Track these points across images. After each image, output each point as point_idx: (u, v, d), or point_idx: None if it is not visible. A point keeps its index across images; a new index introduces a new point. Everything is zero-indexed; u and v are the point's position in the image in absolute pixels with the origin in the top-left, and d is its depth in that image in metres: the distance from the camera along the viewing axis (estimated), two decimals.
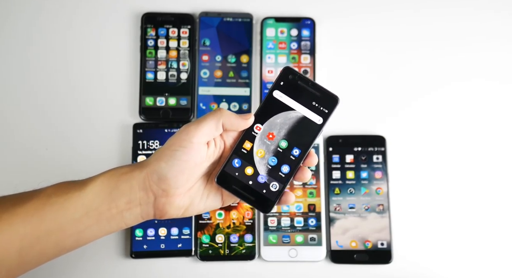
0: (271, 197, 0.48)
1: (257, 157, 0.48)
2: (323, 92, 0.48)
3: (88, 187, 0.44)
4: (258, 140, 0.48)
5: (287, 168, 0.49)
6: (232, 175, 0.48)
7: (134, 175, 0.45)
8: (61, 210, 0.43)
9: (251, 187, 0.48)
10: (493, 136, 0.65)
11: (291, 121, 0.48)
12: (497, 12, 0.67)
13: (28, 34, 0.66)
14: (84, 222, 0.44)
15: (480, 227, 0.63)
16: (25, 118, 0.65)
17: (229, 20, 0.66)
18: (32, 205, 0.43)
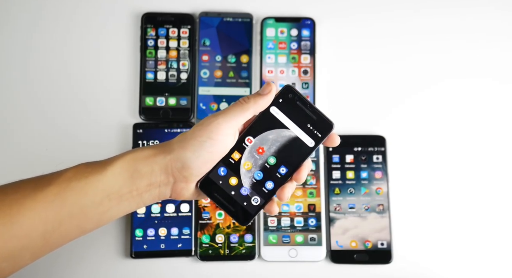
0: (251, 211, 0.48)
1: (244, 169, 0.48)
2: (320, 116, 0.47)
3: (108, 170, 0.44)
4: (247, 152, 0.48)
5: (271, 184, 0.48)
6: (216, 183, 0.48)
7: (156, 159, 0.45)
8: (81, 194, 0.43)
9: (232, 197, 0.48)
10: (493, 136, 0.65)
11: (283, 139, 0.48)
12: (497, 9, 0.67)
13: (28, 34, 0.66)
14: (105, 205, 0.44)
15: (480, 227, 0.63)
16: (25, 118, 0.65)
17: (229, 20, 0.66)
18: (52, 190, 0.43)
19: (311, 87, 0.65)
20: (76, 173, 0.44)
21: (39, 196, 0.42)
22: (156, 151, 0.46)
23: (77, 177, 0.43)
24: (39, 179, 0.44)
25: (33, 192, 0.42)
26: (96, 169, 0.44)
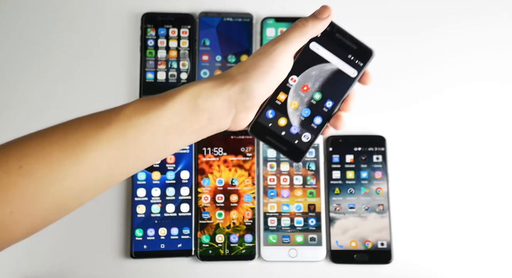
0: (302, 148, 0.50)
1: (291, 108, 0.49)
2: (359, 45, 0.48)
3: (167, 105, 0.44)
4: (292, 92, 0.49)
5: (319, 119, 0.50)
6: (266, 126, 0.49)
7: (219, 91, 0.45)
8: (142, 131, 0.43)
9: (283, 137, 0.49)
10: (493, 137, 0.65)
11: (326, 73, 0.49)
12: (496, 16, 0.67)
13: (28, 34, 0.66)
14: (166, 139, 0.44)
15: (480, 227, 0.63)
16: (25, 119, 0.65)
17: (229, 20, 0.66)
18: (114, 128, 0.42)
19: None
20: (135, 109, 0.43)
21: (101, 135, 0.41)
22: (218, 83, 0.45)
23: (137, 113, 0.43)
24: (98, 117, 0.43)
25: (95, 131, 0.41)
26: (155, 105, 0.44)
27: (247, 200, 0.63)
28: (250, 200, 0.63)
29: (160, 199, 0.62)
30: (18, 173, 0.39)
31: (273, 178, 0.63)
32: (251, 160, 0.63)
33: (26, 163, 0.39)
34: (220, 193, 0.63)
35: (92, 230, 0.62)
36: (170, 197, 0.63)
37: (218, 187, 0.63)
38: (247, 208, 0.63)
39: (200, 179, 0.63)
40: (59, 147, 0.40)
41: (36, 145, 0.40)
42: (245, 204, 0.63)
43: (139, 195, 0.62)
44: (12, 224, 0.39)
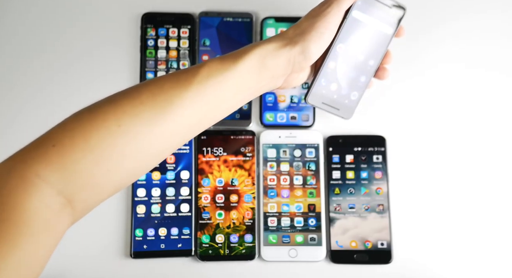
0: (352, 105, 0.56)
1: (340, 73, 0.55)
2: (394, 4, 0.54)
3: (239, 65, 0.47)
4: (340, 58, 0.54)
5: (364, 77, 0.56)
6: (320, 93, 0.55)
7: (282, 52, 0.48)
8: (218, 90, 0.46)
9: (336, 100, 0.56)
10: (493, 137, 0.65)
11: (367, 36, 0.54)
12: (497, 9, 0.67)
13: (28, 34, 0.66)
14: (236, 98, 0.48)
15: (480, 226, 0.63)
16: (25, 119, 0.65)
17: (229, 20, 0.66)
18: (195, 88, 0.45)
19: None
20: (210, 69, 0.46)
21: (185, 95, 0.44)
22: (281, 44, 0.49)
23: (213, 74, 0.46)
24: (178, 78, 0.45)
25: (179, 91, 0.44)
26: (228, 65, 0.47)
27: (247, 200, 0.63)
28: (250, 200, 0.63)
29: (160, 199, 0.62)
30: (117, 131, 0.41)
31: (273, 178, 0.63)
32: (251, 160, 0.64)
33: (124, 123, 0.41)
34: (220, 193, 0.63)
35: (92, 230, 0.62)
36: (170, 197, 0.63)
37: (218, 187, 0.63)
38: (247, 208, 0.63)
39: (200, 179, 0.63)
40: (149, 107, 0.42)
41: (128, 105, 0.42)
42: (245, 204, 0.63)
43: (139, 195, 0.62)
44: (106, 182, 0.41)
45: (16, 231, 0.36)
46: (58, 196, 0.39)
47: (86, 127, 0.41)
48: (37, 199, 0.37)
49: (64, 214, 0.39)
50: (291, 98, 0.65)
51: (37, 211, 0.37)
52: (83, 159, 0.39)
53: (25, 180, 0.38)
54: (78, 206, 0.40)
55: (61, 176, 0.39)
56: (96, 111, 0.42)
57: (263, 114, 0.65)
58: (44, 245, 0.38)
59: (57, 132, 0.41)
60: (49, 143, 0.40)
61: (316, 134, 0.64)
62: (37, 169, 0.38)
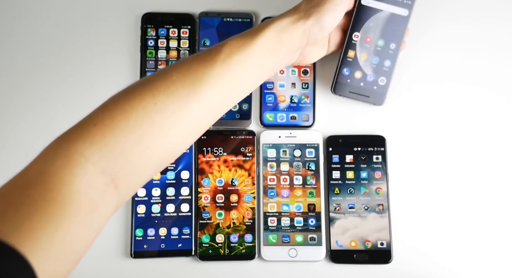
0: (382, 91, 0.57)
1: (362, 61, 0.56)
2: None
3: (257, 41, 0.48)
4: (358, 46, 0.55)
5: (388, 62, 0.57)
6: (345, 83, 0.56)
7: (297, 25, 0.50)
8: (241, 67, 0.48)
9: (363, 87, 0.56)
10: (492, 137, 0.65)
11: (383, 21, 0.55)
12: (502, 20, 0.67)
13: (28, 34, 0.67)
14: (256, 74, 0.50)
15: (480, 226, 0.63)
16: (25, 119, 0.65)
17: (229, 20, 0.66)
18: (221, 65, 0.46)
19: (311, 87, 0.65)
20: (231, 47, 0.48)
21: (213, 72, 0.46)
22: (295, 17, 0.50)
23: (234, 51, 0.47)
24: (202, 58, 0.47)
25: (206, 69, 0.46)
26: (247, 42, 0.48)
27: (247, 199, 0.63)
28: (250, 200, 0.63)
29: (160, 199, 0.63)
30: (154, 109, 0.42)
31: (273, 177, 0.63)
32: (251, 160, 0.64)
33: (159, 100, 0.43)
34: (220, 193, 0.63)
35: None
36: (170, 196, 0.63)
37: (218, 186, 0.63)
38: (247, 208, 0.63)
39: (200, 178, 0.63)
40: (181, 85, 0.44)
41: (162, 85, 0.44)
42: (245, 203, 0.63)
43: (139, 194, 0.63)
44: (146, 159, 0.43)
45: (61, 211, 0.37)
46: (102, 175, 0.40)
47: (125, 107, 0.42)
48: (82, 179, 0.38)
49: (108, 194, 0.40)
50: (291, 98, 0.65)
51: (82, 191, 0.38)
52: (124, 137, 0.41)
53: (70, 159, 0.39)
54: (121, 185, 0.41)
55: (104, 154, 0.40)
56: (133, 92, 0.43)
57: (263, 114, 0.65)
58: (88, 227, 0.39)
59: (97, 113, 0.42)
60: (91, 123, 0.41)
61: (316, 134, 0.64)
62: (81, 148, 0.39)
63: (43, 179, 0.37)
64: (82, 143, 0.40)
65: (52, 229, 0.36)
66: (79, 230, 0.38)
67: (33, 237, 0.35)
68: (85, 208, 0.38)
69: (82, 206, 0.38)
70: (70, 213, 0.37)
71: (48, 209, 0.36)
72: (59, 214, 0.36)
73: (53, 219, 0.36)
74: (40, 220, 0.35)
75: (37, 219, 0.35)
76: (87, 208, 0.38)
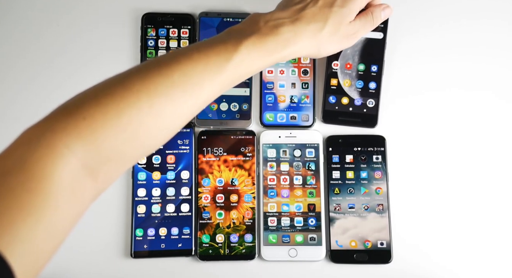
0: (373, 112, 0.58)
1: (346, 87, 0.57)
2: None
3: (275, 59, 0.51)
4: (340, 73, 0.57)
5: (373, 84, 0.58)
6: (333, 110, 0.57)
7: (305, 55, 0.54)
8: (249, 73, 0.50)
9: (353, 112, 0.58)
10: (492, 137, 0.65)
11: (359, 47, 0.57)
12: (504, 22, 0.67)
13: (28, 34, 0.67)
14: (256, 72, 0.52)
15: (480, 226, 0.63)
16: (25, 118, 0.65)
17: (229, 20, 0.66)
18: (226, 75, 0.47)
19: (311, 88, 0.65)
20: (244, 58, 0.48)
21: (216, 81, 0.46)
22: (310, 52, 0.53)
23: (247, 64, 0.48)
24: (208, 60, 0.46)
25: (210, 76, 0.46)
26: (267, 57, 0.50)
27: (247, 199, 0.63)
28: (250, 200, 0.63)
29: (160, 199, 0.63)
30: (148, 112, 0.42)
31: (273, 177, 0.63)
32: (251, 160, 0.64)
33: (155, 102, 0.42)
34: (220, 193, 0.63)
35: (92, 230, 0.62)
36: (171, 196, 0.63)
37: (218, 186, 0.63)
38: (247, 208, 0.63)
39: (200, 178, 0.63)
40: (181, 89, 0.44)
41: (161, 85, 0.43)
42: (245, 203, 0.63)
43: (139, 194, 0.63)
44: (129, 156, 0.43)
45: (43, 202, 0.36)
46: (83, 168, 0.39)
47: (119, 105, 0.41)
48: (64, 170, 0.37)
49: (87, 187, 0.40)
50: (291, 98, 0.65)
51: (63, 182, 0.37)
52: (113, 135, 0.40)
53: (54, 150, 0.38)
54: (100, 178, 0.41)
55: (90, 149, 0.39)
56: (130, 88, 0.42)
57: (263, 114, 0.65)
58: (68, 216, 0.38)
59: (89, 104, 0.41)
60: (80, 115, 0.40)
61: (316, 134, 0.64)
62: (66, 141, 0.38)
63: (24, 167, 0.36)
64: (68, 135, 0.38)
65: (33, 222, 0.34)
66: (59, 222, 0.37)
67: (11, 231, 0.33)
68: (66, 200, 0.37)
69: (63, 198, 0.37)
70: (51, 204, 0.36)
71: (28, 200, 0.35)
72: (40, 205, 0.35)
73: (33, 211, 0.35)
74: (19, 211, 0.34)
75: (16, 210, 0.34)
76: (67, 200, 0.37)
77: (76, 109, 0.40)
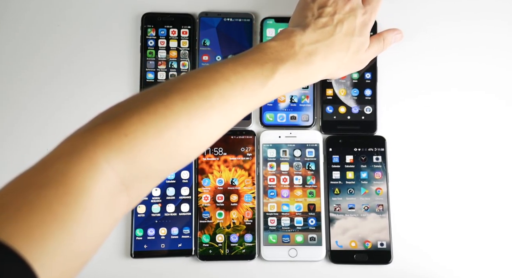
0: (371, 119, 0.59)
1: (342, 96, 0.58)
2: None
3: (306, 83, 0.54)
4: (334, 83, 0.58)
5: (369, 91, 0.59)
6: (332, 120, 0.58)
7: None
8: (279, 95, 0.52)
9: (351, 121, 0.58)
10: (492, 137, 0.65)
11: None
12: (504, 22, 0.67)
13: (28, 34, 0.67)
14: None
15: (480, 227, 0.63)
16: (25, 119, 0.65)
17: (229, 20, 0.66)
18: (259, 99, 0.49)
19: (311, 87, 0.65)
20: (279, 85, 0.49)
21: (250, 104, 0.48)
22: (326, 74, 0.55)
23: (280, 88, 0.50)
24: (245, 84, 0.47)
25: (246, 99, 0.47)
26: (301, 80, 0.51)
27: (247, 199, 0.63)
28: (250, 200, 0.63)
29: (160, 199, 0.63)
30: (186, 133, 0.43)
31: (273, 177, 0.63)
32: (251, 160, 0.64)
33: (193, 125, 0.43)
34: (220, 193, 0.63)
35: None
36: (170, 196, 0.63)
37: (218, 186, 0.63)
38: (247, 208, 0.63)
39: (200, 178, 0.63)
40: (218, 112, 0.45)
41: (200, 108, 0.44)
42: (245, 203, 0.63)
43: None
44: (162, 174, 0.44)
45: (76, 217, 0.36)
46: (120, 184, 0.39)
47: (159, 124, 0.41)
48: (103, 185, 0.38)
49: (121, 201, 0.40)
50: (291, 98, 0.65)
51: (100, 197, 0.37)
52: (151, 155, 0.41)
53: (95, 164, 0.38)
54: (134, 193, 0.41)
55: (128, 166, 0.39)
56: (171, 108, 0.42)
57: (263, 114, 0.65)
58: (99, 233, 0.38)
59: (131, 121, 0.41)
60: (122, 132, 0.40)
61: (316, 134, 0.64)
62: (108, 155, 0.38)
63: (64, 180, 0.36)
64: (109, 150, 0.39)
65: (64, 236, 0.35)
66: (91, 236, 0.37)
67: (43, 245, 0.33)
68: (100, 214, 0.38)
69: (97, 213, 0.37)
70: (85, 219, 0.36)
71: (64, 214, 0.35)
72: (74, 219, 0.36)
73: (66, 225, 0.35)
74: (54, 225, 0.34)
75: (51, 224, 0.34)
76: (102, 214, 0.38)
77: (119, 125, 0.40)
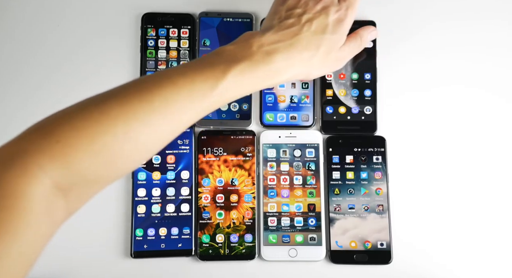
0: (371, 119, 0.60)
1: (342, 96, 0.59)
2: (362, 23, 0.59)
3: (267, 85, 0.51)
4: (334, 84, 0.58)
5: (369, 91, 0.60)
6: (332, 120, 0.59)
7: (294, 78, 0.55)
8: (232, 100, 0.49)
9: (351, 121, 0.59)
10: (492, 137, 0.65)
11: (350, 58, 0.57)
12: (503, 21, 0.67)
13: (28, 34, 0.67)
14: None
15: (480, 227, 0.63)
16: (25, 118, 0.65)
17: (229, 20, 0.66)
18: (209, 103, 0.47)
19: (310, 88, 0.65)
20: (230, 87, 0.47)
21: (198, 109, 0.46)
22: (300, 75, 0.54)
23: (233, 91, 0.47)
24: (192, 87, 0.45)
25: (192, 104, 0.45)
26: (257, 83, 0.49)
27: (247, 199, 0.63)
28: (250, 200, 0.63)
29: (160, 199, 0.63)
30: (124, 138, 0.41)
31: (273, 177, 0.63)
32: (251, 160, 0.64)
33: (131, 129, 0.41)
34: (220, 193, 0.63)
35: (92, 230, 0.62)
36: (171, 196, 0.63)
37: (218, 186, 0.63)
38: (247, 208, 0.63)
39: (200, 178, 0.63)
40: (161, 115, 0.43)
41: (140, 111, 0.42)
42: (245, 203, 0.63)
43: (139, 194, 0.63)
44: (103, 180, 0.42)
45: (18, 220, 0.36)
46: (56, 188, 0.39)
47: (93, 129, 0.40)
48: (38, 189, 0.38)
49: (59, 205, 0.40)
50: (291, 98, 0.65)
51: (37, 201, 0.37)
52: (86, 161, 0.40)
53: (27, 170, 0.38)
54: (72, 198, 0.41)
55: (62, 171, 0.39)
56: (107, 113, 0.41)
57: (263, 114, 0.65)
58: (42, 235, 0.38)
59: (63, 128, 0.40)
60: (54, 138, 0.39)
61: (316, 134, 0.64)
62: (40, 162, 0.38)
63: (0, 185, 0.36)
64: (42, 157, 0.38)
65: (10, 238, 0.35)
66: (35, 237, 0.37)
67: None
68: (40, 217, 0.37)
69: (37, 216, 0.37)
70: (27, 222, 0.36)
71: (5, 217, 0.35)
72: (17, 222, 0.35)
73: (10, 227, 0.35)
74: None
75: None
76: (42, 217, 0.38)
77: (50, 132, 0.40)
